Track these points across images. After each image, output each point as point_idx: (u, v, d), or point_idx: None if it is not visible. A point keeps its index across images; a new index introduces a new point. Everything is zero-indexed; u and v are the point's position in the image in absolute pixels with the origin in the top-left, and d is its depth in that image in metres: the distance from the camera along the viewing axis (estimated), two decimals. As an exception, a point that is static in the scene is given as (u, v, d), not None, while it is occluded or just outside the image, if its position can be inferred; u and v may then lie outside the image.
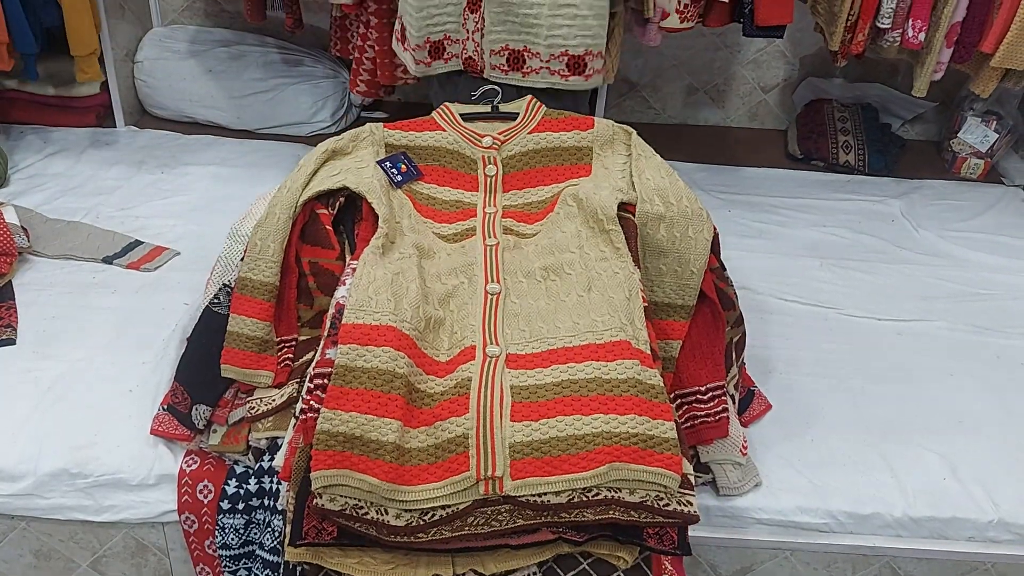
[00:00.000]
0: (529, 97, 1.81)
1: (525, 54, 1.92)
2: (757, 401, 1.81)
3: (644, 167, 1.67)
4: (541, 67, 1.93)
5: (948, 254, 2.42)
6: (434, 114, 1.79)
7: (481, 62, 1.95)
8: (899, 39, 2.35)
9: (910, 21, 2.30)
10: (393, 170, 1.67)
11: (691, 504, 1.26)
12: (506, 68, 1.94)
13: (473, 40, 1.93)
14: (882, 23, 2.32)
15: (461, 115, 1.77)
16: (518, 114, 1.78)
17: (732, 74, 3.02)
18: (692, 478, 1.30)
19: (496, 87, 1.80)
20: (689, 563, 1.68)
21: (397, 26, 2.08)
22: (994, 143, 2.77)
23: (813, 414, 1.84)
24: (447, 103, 1.80)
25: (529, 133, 1.74)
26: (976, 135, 2.78)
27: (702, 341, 1.59)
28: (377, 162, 1.68)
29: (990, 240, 2.48)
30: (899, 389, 1.92)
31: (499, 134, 1.74)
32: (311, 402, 1.34)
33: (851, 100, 2.95)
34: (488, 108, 1.78)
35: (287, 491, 1.36)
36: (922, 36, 2.31)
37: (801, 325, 2.10)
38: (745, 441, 1.63)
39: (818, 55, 2.95)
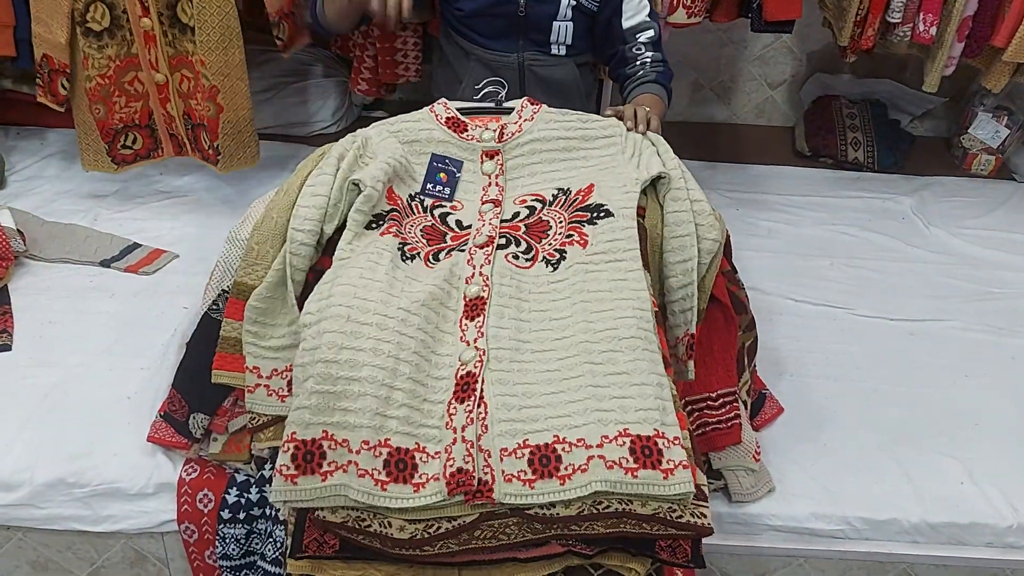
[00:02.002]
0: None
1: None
2: (769, 404, 1.77)
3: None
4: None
5: (960, 252, 2.38)
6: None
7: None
8: (909, 34, 2.31)
9: (921, 15, 2.27)
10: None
11: (705, 516, 1.23)
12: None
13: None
14: (892, 17, 2.28)
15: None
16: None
17: (739, 70, 2.98)
18: (706, 489, 1.26)
19: (501, 80, 1.74)
20: (701, 572, 1.65)
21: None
22: (1005, 139, 2.73)
23: (826, 417, 1.80)
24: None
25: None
26: (987, 131, 2.74)
27: (713, 346, 1.56)
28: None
29: (1002, 237, 2.44)
30: (913, 391, 1.88)
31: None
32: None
33: (859, 96, 2.91)
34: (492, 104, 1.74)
35: (288, 502, 1.32)
36: (933, 30, 2.27)
37: (811, 326, 2.06)
38: (758, 447, 1.59)
39: (826, 51, 2.91)
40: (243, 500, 1.58)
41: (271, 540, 1.53)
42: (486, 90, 1.73)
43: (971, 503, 1.64)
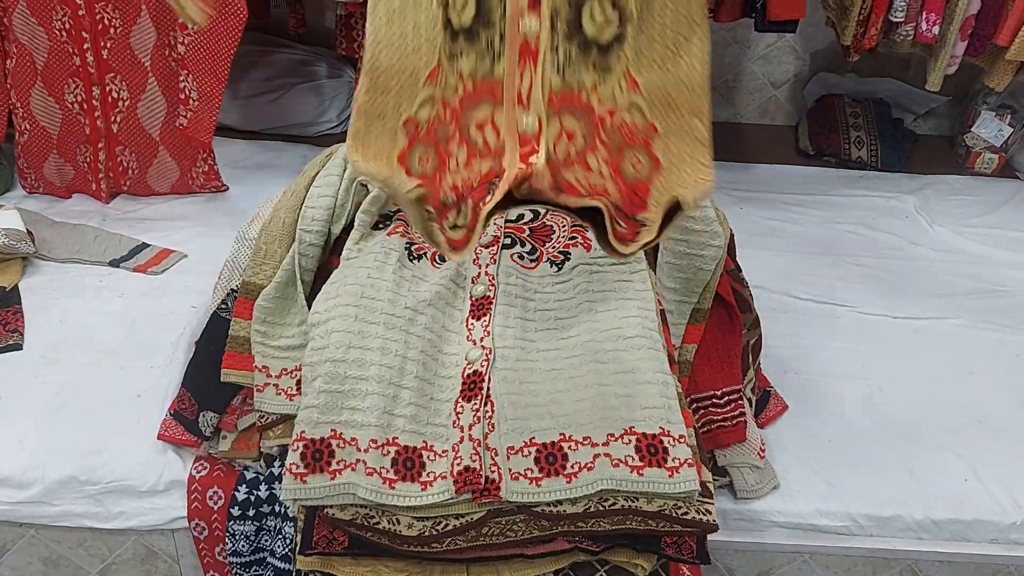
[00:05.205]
0: None
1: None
2: (773, 402, 1.78)
3: None
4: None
5: (964, 250, 2.39)
6: None
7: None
8: (912, 33, 2.32)
9: (924, 14, 2.27)
10: None
11: (710, 513, 1.24)
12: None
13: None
14: (895, 17, 2.29)
15: None
16: None
17: (742, 70, 2.98)
18: (711, 485, 1.27)
19: None
20: (706, 568, 1.65)
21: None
22: (1008, 137, 2.73)
23: (830, 415, 1.81)
24: None
25: None
26: (990, 129, 2.74)
27: (718, 345, 1.57)
28: None
29: (1006, 236, 2.44)
30: (917, 389, 1.89)
31: None
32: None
33: (863, 95, 2.92)
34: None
35: (298, 499, 1.34)
36: (936, 29, 2.28)
37: (815, 324, 2.07)
38: (763, 444, 1.60)
39: (829, 50, 2.92)
40: (253, 497, 1.59)
41: (281, 537, 1.54)
42: None
43: (975, 500, 1.65)
